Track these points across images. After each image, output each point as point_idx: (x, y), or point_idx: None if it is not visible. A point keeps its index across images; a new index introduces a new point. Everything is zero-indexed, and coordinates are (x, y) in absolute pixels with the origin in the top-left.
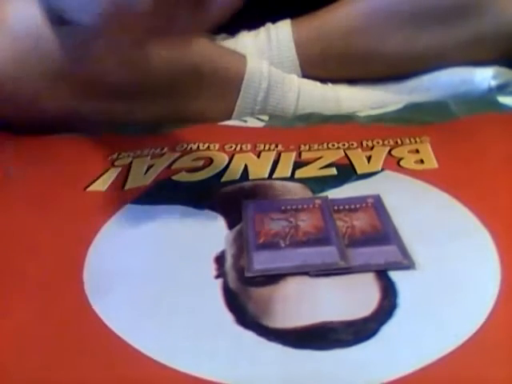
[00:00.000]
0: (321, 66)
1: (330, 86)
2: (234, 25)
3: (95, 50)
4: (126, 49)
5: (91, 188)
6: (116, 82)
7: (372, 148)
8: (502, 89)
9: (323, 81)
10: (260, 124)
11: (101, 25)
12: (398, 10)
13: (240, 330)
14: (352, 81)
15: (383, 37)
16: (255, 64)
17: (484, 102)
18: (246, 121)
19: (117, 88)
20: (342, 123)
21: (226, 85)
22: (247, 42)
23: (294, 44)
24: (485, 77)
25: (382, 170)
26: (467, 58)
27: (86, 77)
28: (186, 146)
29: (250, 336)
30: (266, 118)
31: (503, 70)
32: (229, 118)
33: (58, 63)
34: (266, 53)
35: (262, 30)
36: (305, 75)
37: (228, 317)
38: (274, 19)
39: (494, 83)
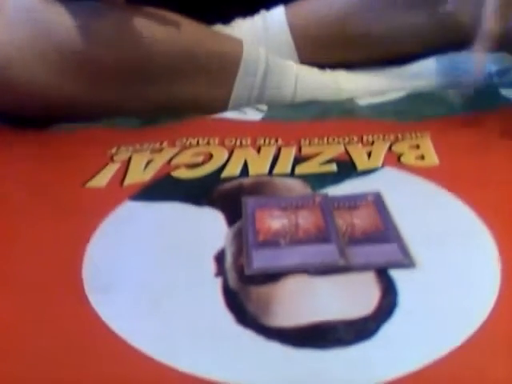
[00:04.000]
0: (317, 50)
1: (328, 71)
2: (229, 14)
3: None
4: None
5: (90, 184)
6: (112, 65)
7: (372, 143)
8: (501, 74)
9: (321, 67)
10: (259, 115)
11: None
12: None
13: (239, 329)
14: (350, 67)
15: (379, 18)
16: (252, 49)
17: (486, 94)
18: (245, 112)
19: (113, 71)
20: (342, 116)
21: (222, 69)
22: (243, 30)
23: (289, 29)
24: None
25: (383, 166)
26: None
27: (83, 59)
28: (185, 140)
29: (249, 335)
30: (264, 107)
31: (503, 56)
32: (226, 103)
33: (56, 46)
34: (263, 40)
35: (256, 18)
36: (302, 61)
37: (228, 316)
38: (268, 7)
39: (493, 69)
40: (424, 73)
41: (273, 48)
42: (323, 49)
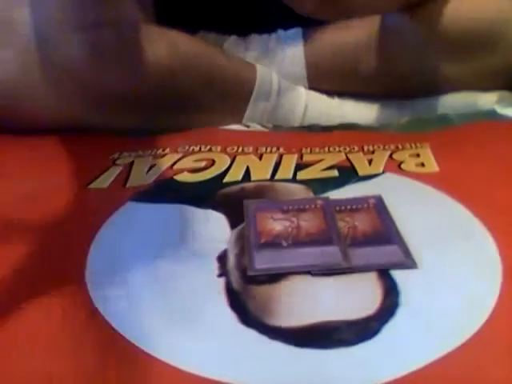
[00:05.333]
0: (328, 79)
1: (336, 100)
2: (244, 27)
3: None
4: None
5: (93, 185)
6: (126, 93)
7: (373, 152)
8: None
9: (329, 94)
10: (263, 131)
11: None
12: (410, 36)
13: (242, 328)
14: (357, 95)
15: (393, 58)
16: (265, 75)
17: (483, 113)
18: (248, 126)
19: (126, 99)
20: (344, 129)
21: (235, 96)
22: (258, 47)
23: (304, 57)
24: (489, 101)
25: (383, 172)
26: (475, 87)
27: (96, 87)
28: (187, 147)
29: (252, 335)
30: (269, 125)
31: (507, 94)
32: None
33: (66, 70)
34: (276, 63)
35: (272, 38)
36: (311, 87)
37: (230, 316)
38: (285, 23)
39: (497, 107)
40: (426, 107)
41: (284, 72)
42: (334, 80)
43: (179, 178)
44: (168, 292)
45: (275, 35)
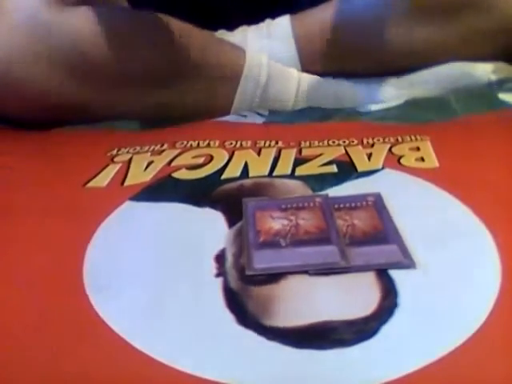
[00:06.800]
0: (320, 60)
1: (329, 80)
2: (233, 20)
3: None
4: None
5: (90, 184)
6: (116, 69)
7: (372, 145)
8: (501, 84)
9: (323, 76)
10: (260, 119)
11: None
12: (398, 5)
13: (240, 329)
14: (351, 75)
15: (383, 31)
16: (255, 57)
17: (484, 98)
18: (245, 116)
19: (115, 76)
20: (342, 120)
21: (225, 77)
22: (247, 37)
23: (293, 39)
24: (484, 71)
25: (383, 167)
26: (466, 53)
27: (86, 63)
28: (185, 142)
29: (250, 335)
30: (265, 112)
31: (503, 66)
32: (228, 110)
33: (59, 50)
34: (266, 48)
35: (261, 26)
36: (304, 70)
37: (228, 316)
38: (274, 15)
39: (493, 78)
40: (422, 81)
41: (276, 56)
42: (326, 60)
43: (177, 175)
44: (166, 292)
45: (264, 24)
